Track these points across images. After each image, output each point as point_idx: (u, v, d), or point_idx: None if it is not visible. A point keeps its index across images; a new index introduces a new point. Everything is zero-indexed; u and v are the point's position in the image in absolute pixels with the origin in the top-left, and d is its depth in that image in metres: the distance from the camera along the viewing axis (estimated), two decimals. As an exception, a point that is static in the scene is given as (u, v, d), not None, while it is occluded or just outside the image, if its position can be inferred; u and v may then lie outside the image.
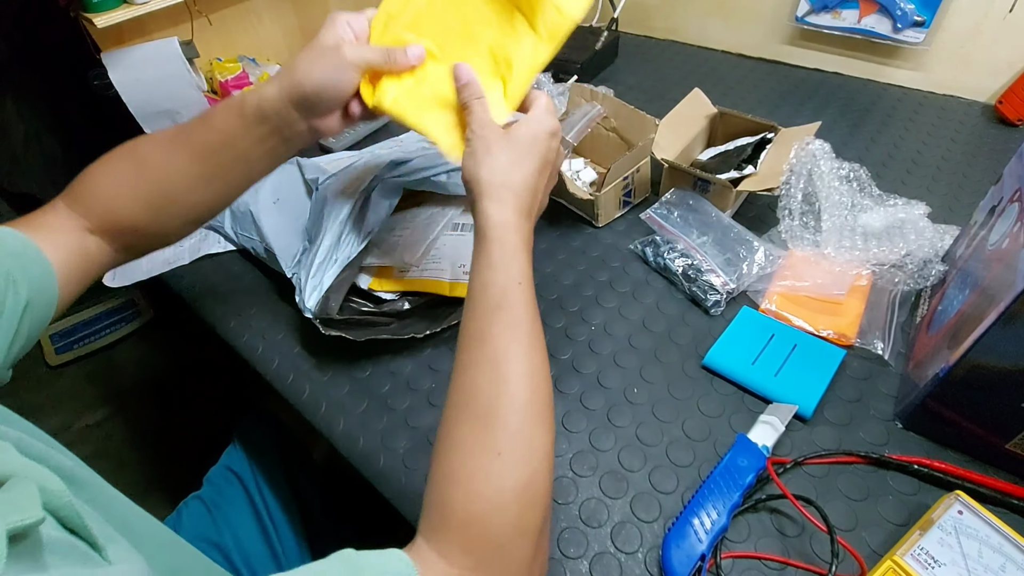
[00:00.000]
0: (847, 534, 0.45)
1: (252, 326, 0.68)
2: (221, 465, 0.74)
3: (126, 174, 0.48)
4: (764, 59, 1.09)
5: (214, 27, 0.95)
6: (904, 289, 0.60)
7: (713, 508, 0.45)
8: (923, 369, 0.50)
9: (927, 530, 0.41)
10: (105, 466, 1.32)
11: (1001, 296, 0.39)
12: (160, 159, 0.48)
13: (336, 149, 0.96)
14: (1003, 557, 0.39)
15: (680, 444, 0.52)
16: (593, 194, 0.72)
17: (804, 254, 0.64)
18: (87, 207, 0.47)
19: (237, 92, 0.47)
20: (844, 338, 0.58)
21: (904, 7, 0.87)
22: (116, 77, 0.82)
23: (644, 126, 0.73)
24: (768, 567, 0.44)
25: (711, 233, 0.67)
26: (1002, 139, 0.83)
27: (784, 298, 0.62)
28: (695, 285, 0.64)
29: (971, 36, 0.87)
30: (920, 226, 0.62)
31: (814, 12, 0.96)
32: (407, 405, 0.58)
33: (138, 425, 1.41)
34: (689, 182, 0.72)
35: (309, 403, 0.60)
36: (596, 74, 1.10)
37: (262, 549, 0.66)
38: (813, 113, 0.92)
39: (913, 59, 0.94)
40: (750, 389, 0.56)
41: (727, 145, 0.77)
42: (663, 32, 1.22)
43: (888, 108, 0.92)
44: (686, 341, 0.61)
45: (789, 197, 0.66)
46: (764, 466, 0.47)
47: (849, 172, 0.66)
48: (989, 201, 0.54)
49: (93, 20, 0.77)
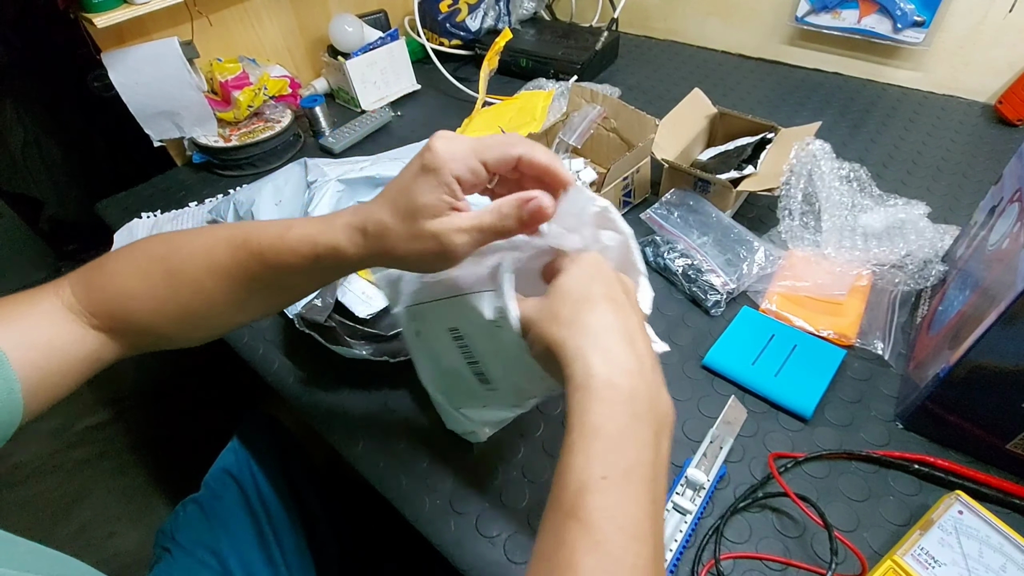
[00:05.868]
0: (848, 534, 0.45)
1: (253, 328, 0.68)
2: (218, 468, 0.73)
3: (157, 286, 0.40)
4: (764, 59, 1.09)
5: (214, 27, 0.96)
6: (904, 289, 0.60)
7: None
8: (924, 370, 0.50)
9: (927, 530, 0.41)
10: (106, 467, 1.32)
11: (1001, 296, 0.39)
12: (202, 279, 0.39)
13: (336, 150, 0.96)
14: (1003, 557, 0.39)
15: (680, 445, 0.52)
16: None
17: (804, 254, 0.64)
18: (101, 304, 0.40)
19: (303, 237, 0.36)
20: (844, 338, 0.58)
21: (904, 7, 0.87)
22: (116, 77, 0.82)
23: (644, 126, 0.73)
24: (769, 567, 0.44)
25: (711, 233, 0.67)
26: (1002, 139, 0.83)
27: (784, 298, 0.62)
28: (695, 285, 0.64)
29: (971, 36, 0.87)
30: (920, 226, 0.62)
31: (814, 12, 0.96)
32: (407, 406, 0.58)
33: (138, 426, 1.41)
34: (689, 182, 0.72)
35: (309, 405, 0.60)
36: (596, 74, 1.10)
37: (259, 555, 0.66)
38: (813, 113, 0.92)
39: (913, 59, 0.94)
40: (750, 389, 0.56)
41: (727, 145, 0.77)
42: (663, 32, 1.22)
43: (888, 108, 0.92)
44: (686, 341, 0.61)
45: (789, 197, 0.66)
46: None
47: (849, 172, 0.66)
48: (989, 201, 0.54)
49: (93, 20, 0.77)
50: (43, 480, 1.31)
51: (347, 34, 1.02)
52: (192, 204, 0.89)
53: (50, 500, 1.27)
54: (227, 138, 0.93)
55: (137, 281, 0.40)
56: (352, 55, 1.02)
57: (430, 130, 1.03)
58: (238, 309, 0.41)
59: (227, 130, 0.94)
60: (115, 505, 1.26)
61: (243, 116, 0.94)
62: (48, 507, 1.26)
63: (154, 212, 0.88)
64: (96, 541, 1.20)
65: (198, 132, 0.93)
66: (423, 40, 1.08)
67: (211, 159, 0.95)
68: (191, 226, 0.84)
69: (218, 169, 0.96)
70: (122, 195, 0.94)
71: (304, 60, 1.13)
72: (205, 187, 0.93)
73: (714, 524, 0.46)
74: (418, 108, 1.08)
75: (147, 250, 0.42)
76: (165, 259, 0.41)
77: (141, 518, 1.23)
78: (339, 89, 1.10)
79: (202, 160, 0.96)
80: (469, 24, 1.15)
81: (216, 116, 0.93)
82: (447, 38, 1.16)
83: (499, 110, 0.95)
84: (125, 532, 1.21)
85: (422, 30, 1.10)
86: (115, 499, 1.27)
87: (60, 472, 1.32)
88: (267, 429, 0.78)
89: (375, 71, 1.05)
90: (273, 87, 0.97)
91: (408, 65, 1.09)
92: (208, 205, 0.88)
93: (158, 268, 0.40)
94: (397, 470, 0.53)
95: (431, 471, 0.52)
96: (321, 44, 1.10)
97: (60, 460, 1.35)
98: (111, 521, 1.23)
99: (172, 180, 0.96)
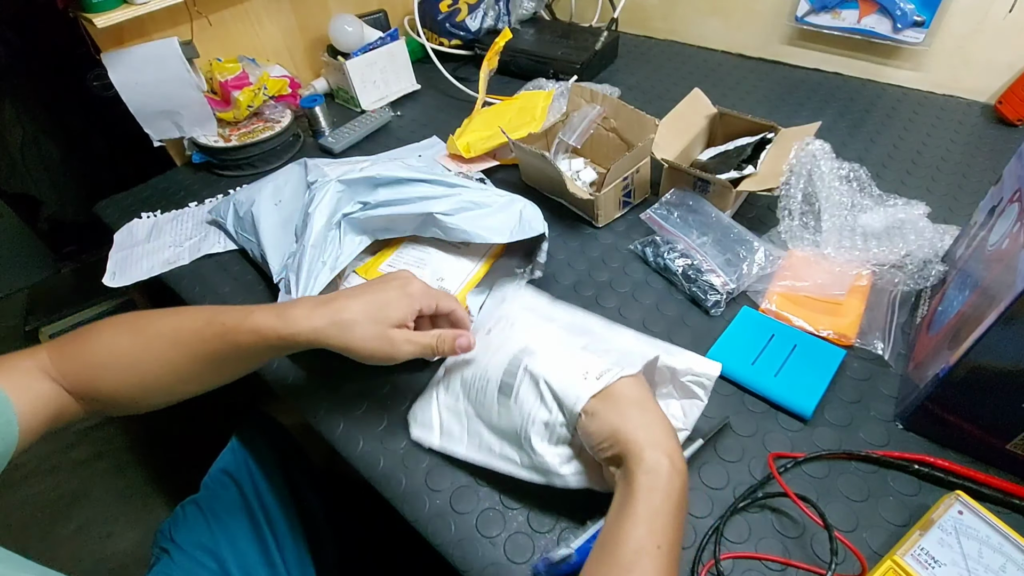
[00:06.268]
0: (848, 534, 0.45)
1: (252, 327, 0.68)
2: (217, 469, 0.73)
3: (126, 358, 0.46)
4: (764, 59, 1.09)
5: (214, 27, 0.95)
6: (904, 289, 0.60)
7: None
8: (923, 370, 0.50)
9: (927, 530, 0.41)
10: (104, 468, 1.32)
11: (1001, 297, 0.39)
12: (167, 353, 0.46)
13: (336, 150, 0.96)
14: (1003, 557, 0.39)
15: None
16: (593, 194, 0.72)
17: (804, 254, 0.64)
18: (72, 371, 0.45)
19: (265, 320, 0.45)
20: (844, 338, 0.58)
21: (904, 7, 0.87)
22: (116, 78, 0.82)
23: (644, 126, 0.73)
24: (768, 568, 0.44)
25: (711, 233, 0.67)
26: (1002, 139, 0.83)
27: (784, 298, 0.62)
28: (695, 285, 0.64)
29: (971, 36, 0.87)
30: (920, 226, 0.62)
31: (814, 12, 0.96)
32: (407, 406, 0.58)
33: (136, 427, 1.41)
34: (689, 182, 0.72)
35: (308, 405, 0.59)
36: (596, 74, 1.10)
37: (258, 557, 0.66)
38: (813, 113, 0.92)
39: (913, 59, 0.94)
40: (750, 389, 0.55)
41: (727, 145, 0.77)
42: (663, 32, 1.22)
43: (888, 108, 0.92)
44: (686, 341, 0.61)
45: (789, 197, 0.66)
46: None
47: (849, 172, 0.66)
48: (989, 201, 0.54)
49: (93, 20, 0.77)
50: (41, 480, 1.31)
51: (347, 34, 1.02)
52: (192, 204, 0.89)
53: (48, 500, 1.27)
54: (227, 138, 0.93)
55: (107, 352, 0.46)
56: (352, 55, 1.02)
57: (430, 130, 1.03)
58: (194, 380, 0.48)
59: (227, 130, 0.94)
60: (113, 505, 1.26)
61: (243, 116, 0.94)
62: (46, 507, 1.26)
63: (154, 212, 0.88)
64: (94, 541, 1.20)
65: (198, 132, 0.93)
66: (423, 40, 1.08)
67: (211, 159, 0.95)
68: (191, 226, 0.84)
69: (218, 169, 0.96)
70: (121, 195, 0.94)
71: (304, 60, 1.13)
72: (205, 187, 0.93)
73: (714, 524, 0.46)
74: (418, 108, 1.08)
75: (120, 324, 0.47)
76: (136, 333, 0.47)
77: (139, 518, 1.23)
78: (339, 89, 1.10)
79: (202, 160, 0.96)
80: (469, 24, 1.15)
81: (216, 116, 0.93)
82: (447, 38, 1.16)
83: (499, 110, 0.95)
84: (123, 532, 1.21)
85: (422, 30, 1.10)
86: (113, 499, 1.27)
87: (58, 472, 1.32)
88: (266, 429, 0.78)
89: (375, 71, 1.05)
90: (273, 87, 0.97)
91: (408, 65, 1.09)
92: (208, 205, 0.88)
93: (127, 342, 0.46)
94: (397, 470, 0.53)
95: (431, 471, 0.52)
96: (321, 44, 1.10)
97: (58, 460, 1.34)
98: (109, 521, 1.23)
99: (172, 180, 0.96)
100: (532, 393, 0.46)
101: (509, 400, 0.47)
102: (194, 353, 0.45)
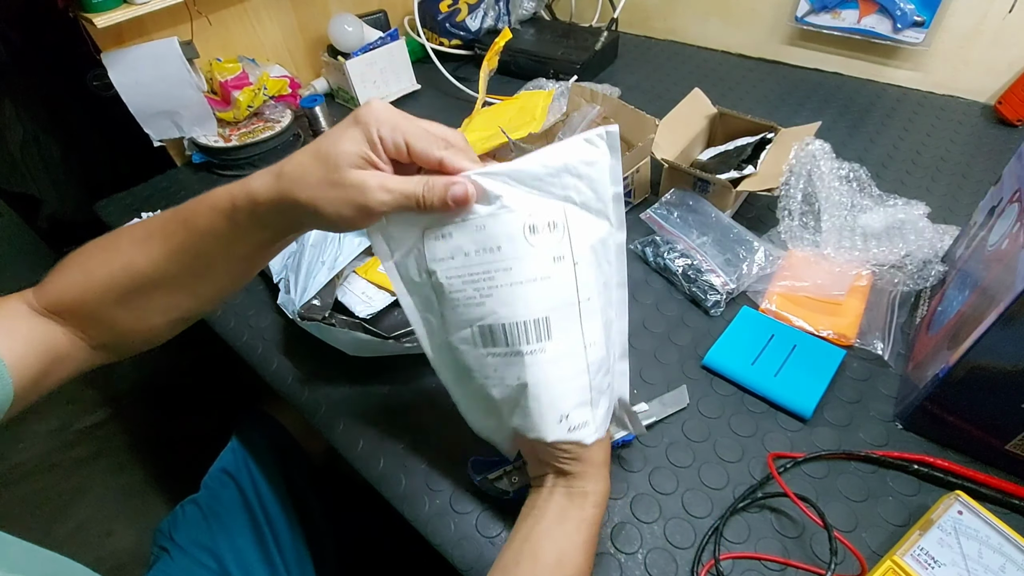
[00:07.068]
0: (847, 535, 0.45)
1: (251, 326, 0.68)
2: (217, 468, 0.73)
3: (96, 264, 0.43)
4: (764, 59, 1.09)
5: (214, 27, 0.95)
6: (904, 289, 0.60)
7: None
8: (923, 370, 0.50)
9: (927, 530, 0.41)
10: (103, 466, 1.32)
11: (1001, 297, 0.39)
12: (133, 253, 0.42)
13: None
14: (1003, 557, 0.39)
15: (680, 446, 0.52)
16: (593, 194, 0.72)
17: (804, 254, 0.64)
18: (56, 297, 0.42)
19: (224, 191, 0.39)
20: (844, 338, 0.58)
21: (904, 7, 0.87)
22: (116, 77, 0.82)
23: (644, 126, 0.73)
24: (768, 568, 0.44)
25: (711, 233, 0.67)
26: (1002, 139, 0.83)
27: (784, 298, 0.62)
28: (695, 285, 0.64)
29: (971, 36, 0.87)
30: (920, 226, 0.62)
31: (814, 12, 0.96)
32: (407, 406, 0.58)
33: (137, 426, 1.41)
34: (689, 182, 0.72)
35: (308, 404, 0.60)
36: (596, 74, 1.10)
37: (258, 556, 0.66)
38: (813, 113, 0.92)
39: (913, 59, 0.94)
40: (750, 389, 0.55)
41: (727, 145, 0.77)
42: (663, 32, 1.22)
43: (888, 108, 0.92)
44: (686, 342, 0.61)
45: (789, 197, 0.66)
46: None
47: (849, 172, 0.66)
48: (989, 201, 0.54)
49: (93, 20, 0.77)
50: (41, 479, 1.31)
51: (347, 34, 1.02)
52: (191, 203, 0.89)
53: (48, 499, 1.27)
54: (227, 138, 0.93)
55: (81, 267, 0.43)
56: (352, 55, 1.02)
57: (430, 130, 1.03)
58: (179, 286, 0.42)
59: (227, 130, 0.94)
60: (112, 504, 1.26)
61: (243, 116, 0.94)
62: (46, 505, 1.26)
63: (153, 212, 0.88)
64: (93, 540, 1.20)
65: (198, 132, 0.93)
66: (423, 40, 1.08)
67: (211, 159, 0.95)
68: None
69: (218, 169, 0.96)
70: (121, 195, 0.94)
71: (304, 60, 1.13)
72: (205, 187, 0.91)
73: (713, 524, 0.46)
74: (418, 108, 1.08)
75: (97, 240, 0.44)
76: (108, 243, 0.44)
77: (138, 517, 1.23)
78: (339, 89, 1.10)
79: (202, 160, 0.96)
80: (469, 24, 1.15)
81: (216, 116, 0.93)
82: (447, 38, 1.16)
83: (499, 110, 0.95)
84: (122, 531, 1.21)
85: (422, 30, 1.10)
86: (113, 498, 1.27)
87: (58, 471, 1.32)
88: (266, 429, 0.78)
89: (375, 71, 1.05)
90: (273, 87, 0.97)
91: (408, 65, 1.09)
92: (207, 204, 0.88)
93: (95, 253, 0.44)
94: (397, 470, 0.53)
95: (431, 471, 0.52)
96: (321, 44, 1.10)
97: (58, 459, 1.35)
98: (108, 520, 1.23)
99: (172, 180, 0.96)
100: (512, 375, 0.39)
101: (485, 351, 0.39)
102: (169, 249, 0.40)
